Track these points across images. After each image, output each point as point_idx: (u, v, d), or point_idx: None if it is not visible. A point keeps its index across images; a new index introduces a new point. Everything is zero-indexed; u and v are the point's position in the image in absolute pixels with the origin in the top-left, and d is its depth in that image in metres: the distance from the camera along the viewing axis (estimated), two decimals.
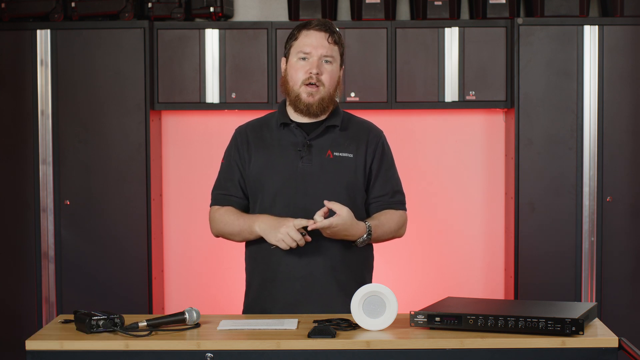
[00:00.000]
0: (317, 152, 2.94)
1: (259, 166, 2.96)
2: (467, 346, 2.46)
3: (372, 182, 2.99)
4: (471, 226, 5.00)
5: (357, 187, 2.96)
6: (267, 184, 2.94)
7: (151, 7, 4.77)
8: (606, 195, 4.66)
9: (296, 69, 2.93)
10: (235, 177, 3.02)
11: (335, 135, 2.97)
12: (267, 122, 3.04)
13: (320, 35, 2.92)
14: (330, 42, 2.92)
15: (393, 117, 4.94)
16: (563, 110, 4.66)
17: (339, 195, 2.91)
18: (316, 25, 2.93)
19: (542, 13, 4.69)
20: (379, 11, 4.76)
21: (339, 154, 2.95)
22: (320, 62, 2.92)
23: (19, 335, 4.20)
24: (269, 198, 2.94)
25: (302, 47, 2.92)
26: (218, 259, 4.97)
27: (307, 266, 2.91)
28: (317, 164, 2.93)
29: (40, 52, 4.67)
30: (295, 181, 2.92)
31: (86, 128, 4.70)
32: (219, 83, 4.73)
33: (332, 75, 2.93)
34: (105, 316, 2.56)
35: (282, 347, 2.47)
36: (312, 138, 2.95)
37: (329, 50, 2.93)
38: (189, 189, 4.99)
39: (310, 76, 2.91)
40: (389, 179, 3.01)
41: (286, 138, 2.97)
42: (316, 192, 2.90)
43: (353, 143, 2.97)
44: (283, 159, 2.94)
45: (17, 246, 4.73)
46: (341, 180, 2.93)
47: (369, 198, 3.00)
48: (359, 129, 3.02)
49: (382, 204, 3.00)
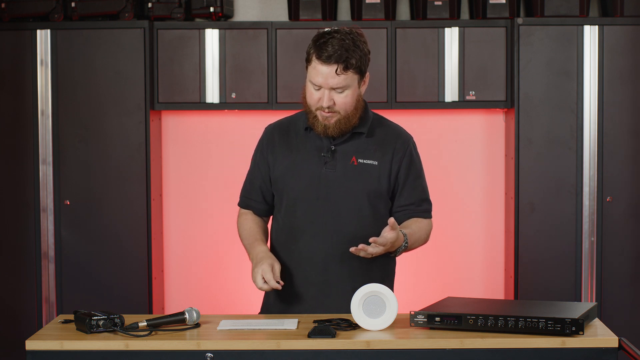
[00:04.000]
0: (341, 158, 2.90)
1: (283, 169, 2.94)
2: (467, 346, 2.46)
3: (400, 191, 2.95)
4: (471, 226, 5.00)
5: (380, 195, 2.92)
6: (289, 187, 2.92)
7: (151, 7, 4.76)
8: (606, 196, 4.66)
9: (310, 94, 2.87)
10: (256, 181, 3.00)
11: (361, 142, 2.93)
12: (294, 123, 3.00)
13: (330, 69, 2.80)
14: (340, 73, 2.81)
15: (393, 117, 4.90)
16: (563, 110, 4.65)
17: (360, 203, 2.89)
18: (326, 58, 2.80)
19: (542, 13, 4.68)
20: (379, 11, 4.76)
21: (363, 161, 2.91)
22: (331, 93, 2.83)
23: (19, 335, 4.18)
24: (291, 202, 2.92)
25: (313, 78, 2.83)
26: (218, 259, 4.97)
27: (325, 272, 2.89)
28: (340, 171, 2.90)
29: (40, 52, 4.67)
30: (317, 187, 2.89)
31: (86, 128, 4.70)
32: (219, 83, 4.72)
33: (346, 101, 2.85)
34: (105, 316, 2.56)
35: (282, 347, 2.47)
36: (337, 144, 2.91)
37: (340, 82, 2.82)
38: (189, 189, 4.99)
39: (322, 107, 2.84)
40: (416, 187, 2.97)
41: (312, 142, 2.93)
42: (338, 199, 2.88)
43: (379, 150, 2.93)
44: (307, 164, 2.91)
45: (17, 246, 4.73)
46: (364, 187, 2.89)
47: (396, 206, 2.96)
48: (387, 134, 2.99)
49: (409, 212, 2.96)
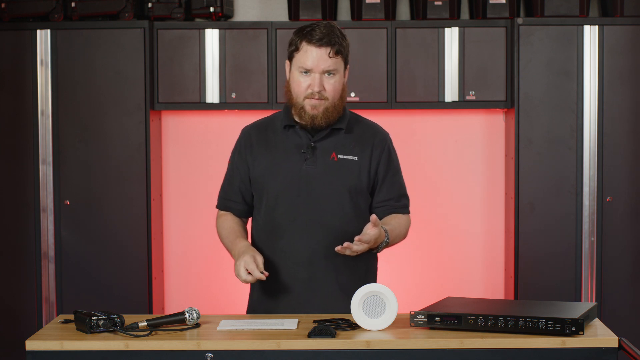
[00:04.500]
0: (322, 155, 2.93)
1: (263, 167, 2.96)
2: (467, 346, 2.46)
3: (379, 187, 2.98)
4: (471, 226, 5.00)
5: (360, 190, 2.95)
6: (270, 185, 2.94)
7: (151, 7, 4.76)
8: (606, 195, 4.66)
9: (298, 82, 2.89)
10: (235, 182, 3.02)
11: (340, 138, 2.95)
12: (272, 123, 3.02)
13: (321, 51, 2.85)
14: (332, 56, 2.85)
15: (393, 117, 4.94)
16: (563, 110, 4.65)
17: (342, 198, 2.91)
18: (317, 40, 2.84)
19: (542, 13, 4.68)
20: (379, 11, 4.76)
21: (343, 157, 2.93)
22: (322, 78, 2.86)
23: (19, 335, 4.18)
24: (272, 199, 2.94)
25: (303, 62, 2.86)
26: (218, 259, 4.97)
27: (309, 268, 2.91)
28: (321, 166, 2.92)
29: (40, 52, 4.67)
30: (298, 183, 2.91)
31: (86, 128, 4.70)
32: (219, 83, 4.72)
33: (335, 87, 2.88)
34: (105, 316, 2.56)
35: (282, 347, 2.47)
36: (316, 140, 2.94)
37: (331, 65, 2.86)
38: (189, 189, 4.99)
39: (313, 92, 2.87)
40: (395, 183, 3.00)
41: (290, 140, 2.95)
42: (319, 195, 2.90)
43: (358, 146, 2.96)
44: (287, 161, 2.93)
45: (17, 246, 4.73)
46: (345, 183, 2.92)
47: (375, 202, 2.99)
48: (365, 131, 3.00)
49: (389, 208, 2.99)
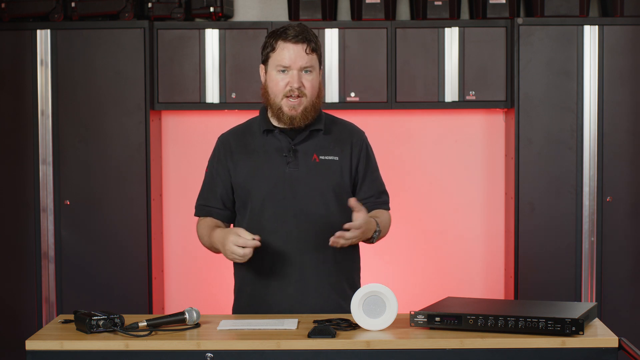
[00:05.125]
0: (303, 157, 2.95)
1: (245, 173, 2.97)
2: (467, 346, 2.46)
3: (360, 184, 3.02)
4: (471, 226, 5.00)
5: (343, 189, 2.98)
6: (255, 190, 2.95)
7: (151, 7, 4.76)
8: (606, 195, 4.66)
9: (276, 82, 2.91)
10: (216, 189, 3.02)
11: (319, 139, 2.98)
12: (249, 128, 3.04)
13: (298, 47, 2.88)
14: (309, 52, 2.89)
15: (393, 117, 4.94)
16: (563, 110, 4.65)
17: (327, 198, 2.94)
18: (293, 37, 2.88)
19: (542, 13, 4.68)
20: (379, 11, 4.76)
21: (324, 157, 2.96)
22: (300, 75, 2.89)
23: (19, 335, 4.19)
24: (258, 204, 2.95)
25: (281, 60, 2.89)
26: (218, 259, 4.94)
27: (300, 270, 2.92)
28: (303, 168, 2.94)
29: (40, 52, 4.67)
30: (283, 186, 2.93)
31: (86, 128, 4.70)
32: (219, 83, 4.72)
33: (313, 84, 2.91)
34: (105, 316, 2.57)
35: (282, 347, 2.47)
36: (297, 143, 2.96)
37: (308, 61, 2.89)
38: (189, 189, 4.98)
39: (292, 89, 2.89)
40: (374, 180, 3.05)
41: (270, 144, 2.97)
42: (305, 196, 2.93)
43: (337, 146, 2.99)
44: (269, 165, 2.95)
45: (17, 246, 4.73)
46: (328, 183, 2.95)
47: (357, 199, 3.00)
48: (342, 131, 3.04)
49: (371, 205, 3.02)
